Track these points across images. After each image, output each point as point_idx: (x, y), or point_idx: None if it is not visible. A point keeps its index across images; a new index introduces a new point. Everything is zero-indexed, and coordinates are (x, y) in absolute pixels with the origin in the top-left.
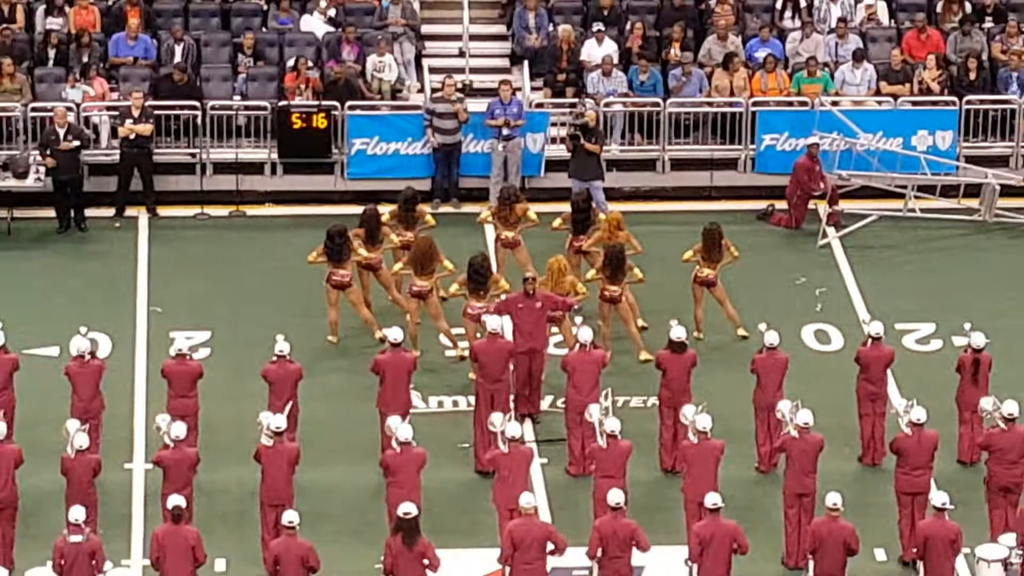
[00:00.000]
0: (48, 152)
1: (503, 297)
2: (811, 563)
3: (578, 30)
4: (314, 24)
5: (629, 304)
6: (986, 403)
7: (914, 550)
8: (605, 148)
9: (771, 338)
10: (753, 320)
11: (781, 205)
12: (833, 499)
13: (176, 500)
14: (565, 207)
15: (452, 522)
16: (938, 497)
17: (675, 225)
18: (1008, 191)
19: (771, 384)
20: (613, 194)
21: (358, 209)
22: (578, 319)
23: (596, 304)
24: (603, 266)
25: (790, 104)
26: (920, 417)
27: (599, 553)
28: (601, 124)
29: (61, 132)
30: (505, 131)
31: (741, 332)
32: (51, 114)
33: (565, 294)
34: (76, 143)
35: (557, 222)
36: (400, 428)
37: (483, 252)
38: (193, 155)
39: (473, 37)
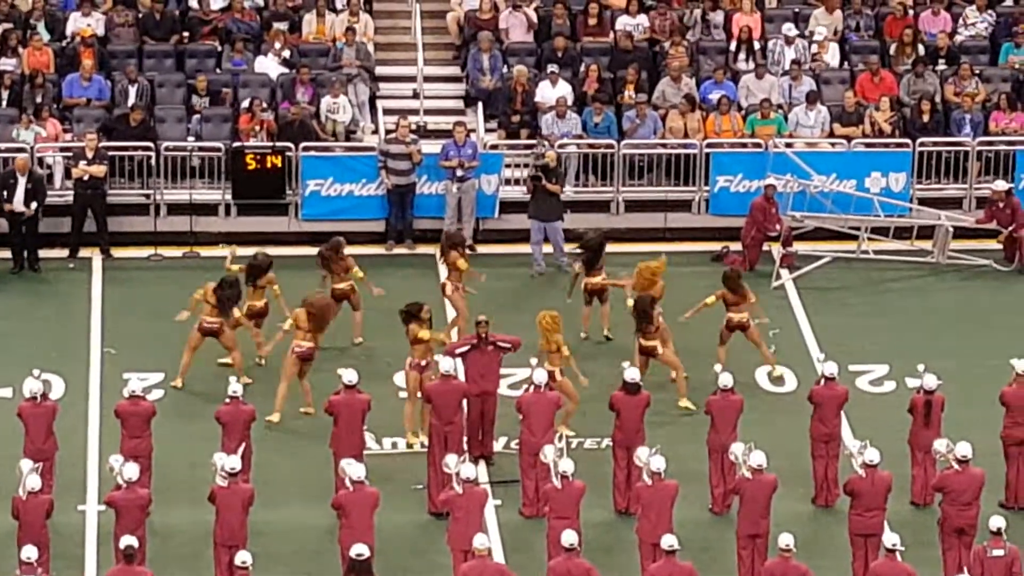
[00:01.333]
0: (5, 196)
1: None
2: None
3: (532, 72)
4: (268, 65)
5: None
6: (939, 445)
7: None
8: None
9: (725, 379)
10: (707, 362)
11: (736, 247)
12: (785, 540)
13: (128, 540)
14: (520, 248)
15: (406, 563)
16: (889, 538)
17: (629, 267)
18: (961, 233)
19: (726, 425)
20: (568, 235)
21: (312, 250)
22: (533, 360)
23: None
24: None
25: (744, 146)
26: (874, 458)
27: None
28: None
29: (22, 180)
30: (459, 172)
31: (776, 373)
32: (6, 155)
33: (554, 351)
34: (34, 205)
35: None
36: (352, 467)
37: (420, 303)
38: (147, 196)
39: (427, 79)
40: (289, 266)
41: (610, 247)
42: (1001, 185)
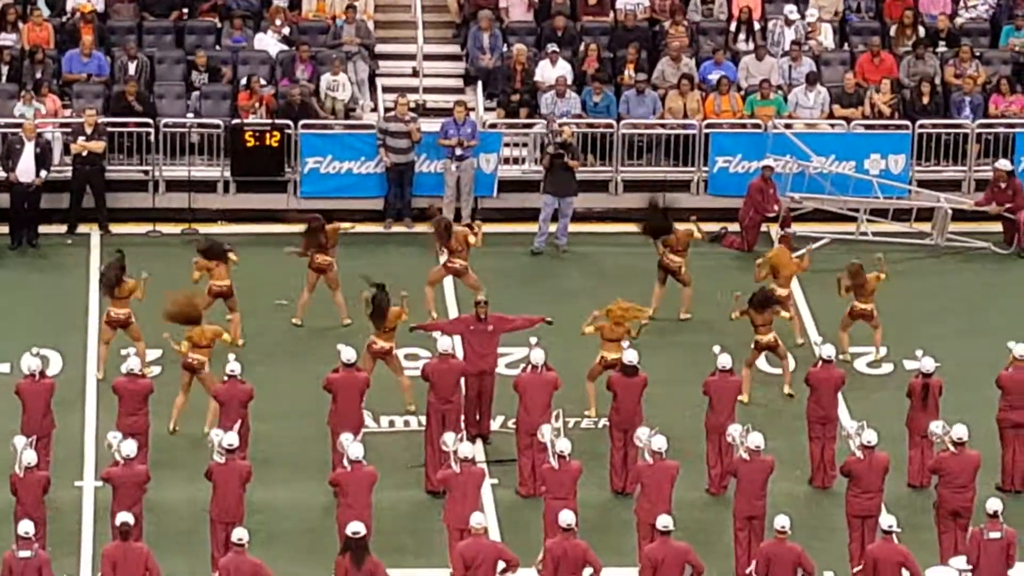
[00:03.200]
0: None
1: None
2: None
3: (532, 51)
4: (268, 43)
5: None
6: (936, 427)
7: (858, 569)
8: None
9: (724, 361)
10: (706, 342)
11: (734, 227)
12: (781, 522)
13: (124, 517)
14: (520, 227)
15: (402, 541)
16: (885, 520)
17: (627, 247)
18: (960, 215)
19: (723, 407)
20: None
21: None
22: (532, 339)
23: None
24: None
25: (743, 127)
26: (871, 440)
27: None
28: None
29: (29, 146)
30: (458, 151)
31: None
32: (4, 130)
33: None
34: (44, 174)
35: (735, 314)
36: (351, 446)
37: (383, 285)
38: (146, 172)
39: (427, 57)
40: (287, 244)
41: (609, 227)
42: (1004, 164)
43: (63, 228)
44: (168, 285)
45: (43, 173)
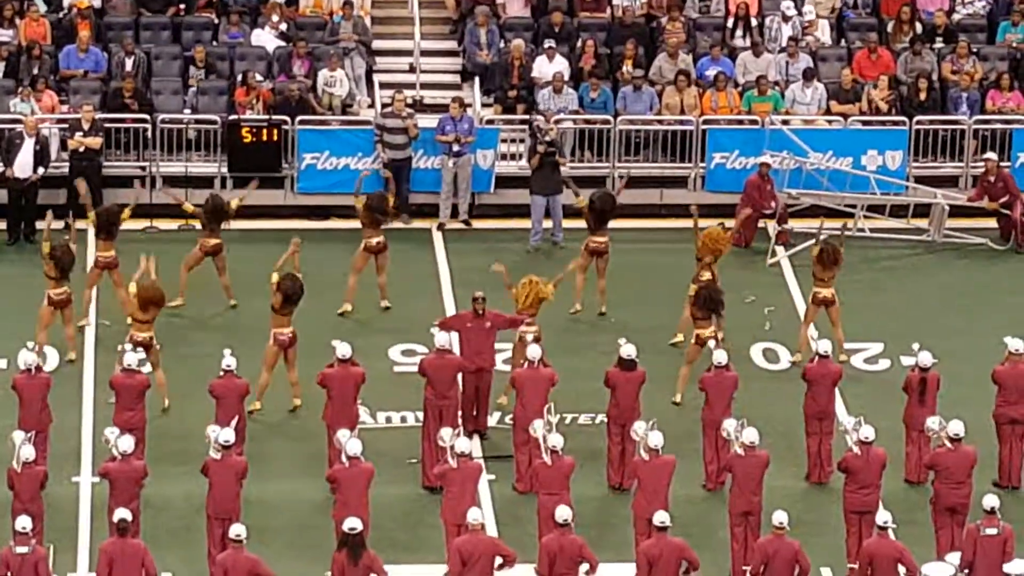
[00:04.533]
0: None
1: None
2: None
3: (529, 47)
4: (265, 38)
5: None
6: (932, 423)
7: (853, 565)
8: None
9: (720, 356)
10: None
11: (731, 223)
12: (779, 518)
13: (122, 513)
14: (516, 223)
15: (399, 537)
16: (881, 515)
17: (624, 243)
18: (957, 211)
19: (719, 402)
20: (564, 210)
21: (308, 224)
22: (529, 336)
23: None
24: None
25: (740, 123)
26: (869, 435)
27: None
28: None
29: (29, 142)
30: (455, 147)
31: (842, 357)
32: (1, 126)
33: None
34: (41, 171)
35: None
36: (349, 443)
37: (294, 275)
38: (143, 168)
39: (424, 53)
40: (283, 240)
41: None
42: (992, 156)
43: (60, 224)
44: (165, 280)
45: (41, 169)
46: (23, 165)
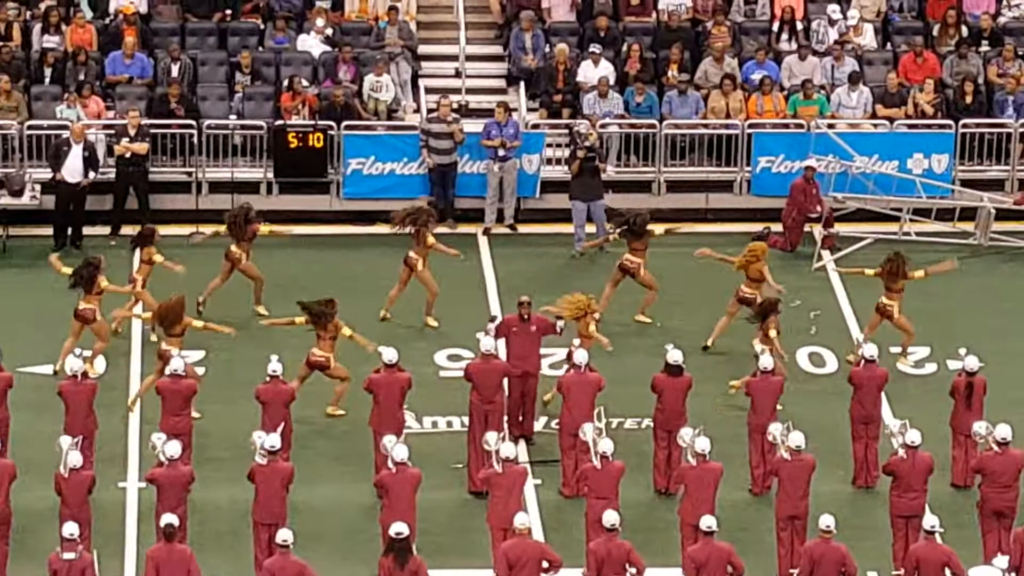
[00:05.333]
0: (57, 164)
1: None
2: None
3: (574, 51)
4: (311, 44)
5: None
6: (979, 427)
7: (898, 572)
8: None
9: (766, 361)
10: (748, 343)
11: (777, 228)
12: (826, 521)
13: (168, 518)
14: (561, 227)
15: (446, 542)
16: (928, 520)
17: (670, 247)
18: (1003, 214)
19: (765, 407)
20: (607, 215)
21: (354, 229)
22: (575, 340)
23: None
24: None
25: (786, 126)
26: (915, 439)
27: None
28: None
29: (77, 148)
30: (501, 152)
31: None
32: (48, 132)
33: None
34: (92, 175)
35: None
36: (396, 448)
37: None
38: (189, 174)
39: (470, 57)
40: (329, 245)
41: (651, 227)
42: None
43: (107, 230)
44: (206, 286)
45: (91, 174)
46: (73, 171)
